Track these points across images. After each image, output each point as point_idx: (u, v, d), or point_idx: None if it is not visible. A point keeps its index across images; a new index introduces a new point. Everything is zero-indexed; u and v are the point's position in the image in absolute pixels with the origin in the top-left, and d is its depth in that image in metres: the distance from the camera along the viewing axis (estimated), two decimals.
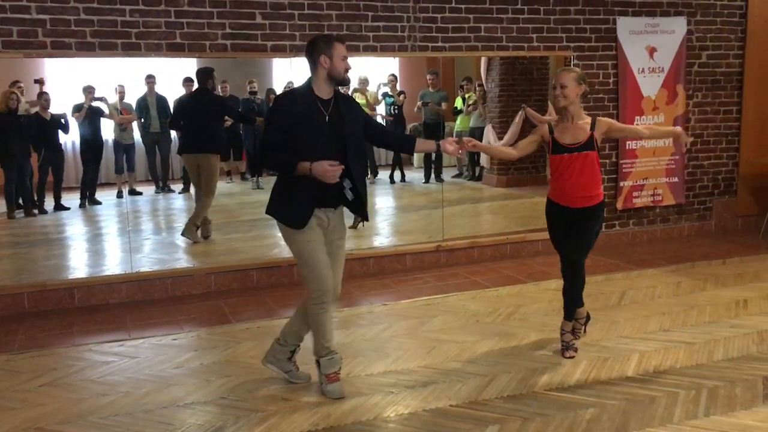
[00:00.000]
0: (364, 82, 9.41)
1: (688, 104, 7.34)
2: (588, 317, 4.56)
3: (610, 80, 6.99)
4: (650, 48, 7.04)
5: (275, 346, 3.96)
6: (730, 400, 3.62)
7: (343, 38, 3.93)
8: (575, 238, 4.21)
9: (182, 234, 6.88)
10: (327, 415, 3.55)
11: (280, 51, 5.88)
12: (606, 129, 4.14)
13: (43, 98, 7.11)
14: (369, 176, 9.94)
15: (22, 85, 7.05)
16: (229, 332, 4.85)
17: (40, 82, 7.03)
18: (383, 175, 9.91)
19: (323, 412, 3.59)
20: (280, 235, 3.81)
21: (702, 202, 7.64)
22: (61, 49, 5.28)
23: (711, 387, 3.77)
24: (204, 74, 6.78)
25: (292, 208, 3.64)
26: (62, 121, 7.33)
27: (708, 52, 7.37)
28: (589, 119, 4.14)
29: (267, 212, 3.79)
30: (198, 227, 6.90)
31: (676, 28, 7.13)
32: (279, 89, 8.37)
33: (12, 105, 6.71)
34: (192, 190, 7.56)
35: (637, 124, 7.08)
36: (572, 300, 4.32)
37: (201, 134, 6.85)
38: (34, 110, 7.08)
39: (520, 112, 9.51)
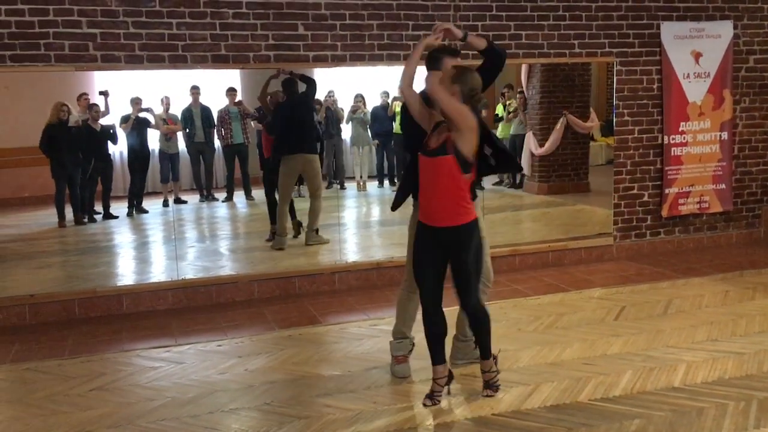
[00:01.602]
0: None
1: (735, 109, 7.19)
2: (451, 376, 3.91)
3: (654, 86, 6.89)
4: (696, 53, 6.93)
5: (457, 345, 4.28)
6: None
7: (455, 51, 4.08)
8: (454, 275, 3.68)
9: (307, 244, 7.12)
10: (369, 422, 3.57)
11: (322, 61, 5.95)
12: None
13: (93, 110, 7.31)
14: None
15: (88, 97, 7.27)
16: (272, 339, 4.91)
17: (104, 93, 7.23)
18: None
19: (365, 418, 3.61)
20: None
21: (750, 209, 7.47)
22: (110, 62, 5.44)
23: (761, 398, 3.68)
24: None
25: None
26: (111, 131, 7.52)
27: (756, 56, 7.22)
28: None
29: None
30: (317, 230, 7.19)
31: (723, 32, 7.00)
32: (321, 99, 8.47)
33: (63, 117, 6.92)
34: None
35: (683, 130, 6.99)
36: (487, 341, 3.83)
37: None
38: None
39: (561, 119, 9.44)
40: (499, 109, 9.74)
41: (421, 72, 3.81)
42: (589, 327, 4.93)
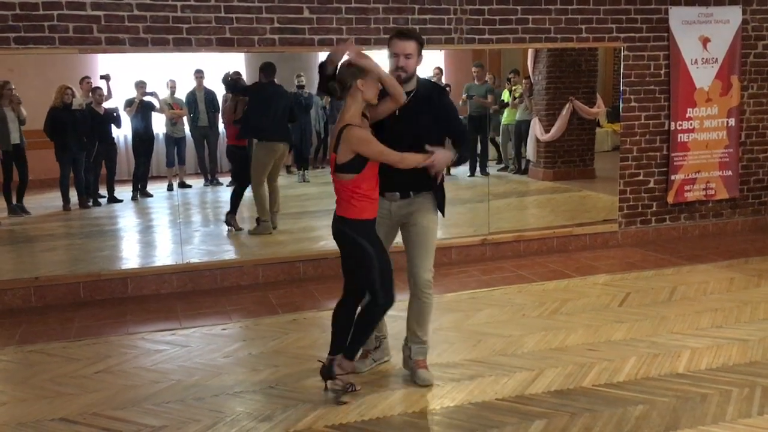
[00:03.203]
0: None
1: (743, 96, 7.14)
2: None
3: (662, 71, 6.84)
4: (704, 38, 6.87)
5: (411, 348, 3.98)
6: None
7: (406, 34, 3.84)
8: None
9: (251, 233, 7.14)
10: (373, 406, 3.58)
11: (327, 45, 5.91)
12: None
13: (96, 93, 7.28)
14: None
15: (90, 80, 7.24)
16: (276, 323, 4.92)
17: (106, 77, 7.21)
18: None
19: (370, 403, 3.62)
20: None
21: (757, 196, 7.43)
22: (115, 44, 5.42)
23: (765, 385, 3.68)
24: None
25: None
26: (115, 115, 7.50)
27: (765, 42, 7.15)
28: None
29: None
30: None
31: (731, 17, 6.93)
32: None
33: (67, 100, 6.89)
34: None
35: (690, 117, 6.94)
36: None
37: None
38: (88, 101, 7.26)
39: (567, 105, 9.38)
40: (505, 95, 9.69)
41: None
42: (593, 313, 4.92)
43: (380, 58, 3.91)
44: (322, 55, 7.27)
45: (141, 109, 7.62)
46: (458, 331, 4.63)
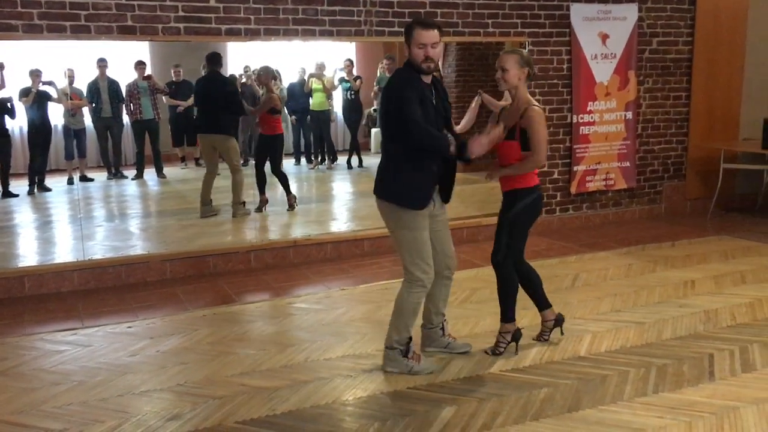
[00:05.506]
0: (320, 67, 9.36)
1: (639, 90, 7.49)
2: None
3: (564, 66, 7.09)
4: (603, 34, 7.15)
5: (424, 332, 4.12)
6: (678, 378, 3.73)
7: (429, 23, 3.71)
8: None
9: (233, 216, 7.14)
10: (285, 400, 3.56)
11: (235, 35, 5.80)
12: (527, 126, 3.93)
13: None
14: (327, 162, 9.92)
15: None
16: (185, 319, 4.80)
17: None
18: (341, 160, 9.90)
19: (281, 396, 3.59)
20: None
21: (652, 186, 7.83)
22: (6, 31, 5.12)
23: (660, 365, 3.89)
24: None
25: (415, 188, 3.74)
26: (8, 105, 7.11)
27: (658, 39, 7.52)
28: (526, 106, 3.93)
29: (378, 193, 3.86)
30: (244, 203, 7.22)
31: (628, 14, 7.25)
32: (236, 73, 8.29)
33: None
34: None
35: (591, 110, 7.22)
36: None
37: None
38: None
39: (476, 98, 9.53)
40: None
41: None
42: None
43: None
44: (231, 45, 7.20)
45: (37, 99, 7.26)
46: (370, 323, 4.66)
